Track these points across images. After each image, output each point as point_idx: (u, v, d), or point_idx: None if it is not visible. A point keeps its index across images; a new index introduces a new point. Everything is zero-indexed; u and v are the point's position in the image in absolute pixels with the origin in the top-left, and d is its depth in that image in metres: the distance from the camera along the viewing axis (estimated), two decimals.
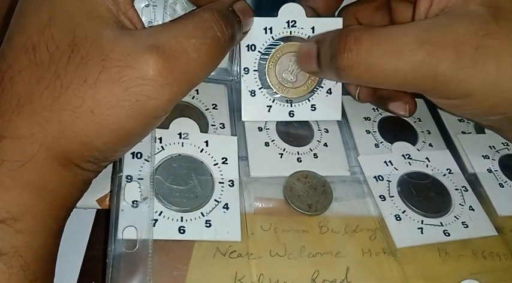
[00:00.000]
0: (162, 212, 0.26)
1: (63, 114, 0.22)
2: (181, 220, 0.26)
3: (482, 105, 0.27)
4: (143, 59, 0.22)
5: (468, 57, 0.25)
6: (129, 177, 0.26)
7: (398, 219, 0.29)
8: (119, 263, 0.24)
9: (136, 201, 0.26)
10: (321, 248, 0.27)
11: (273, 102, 0.32)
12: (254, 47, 0.32)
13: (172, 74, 0.23)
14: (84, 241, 0.29)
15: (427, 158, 0.33)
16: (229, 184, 0.28)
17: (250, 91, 0.32)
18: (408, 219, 0.29)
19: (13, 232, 0.21)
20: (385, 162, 0.32)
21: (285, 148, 0.31)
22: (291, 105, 0.33)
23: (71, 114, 0.22)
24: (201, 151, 0.29)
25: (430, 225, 0.29)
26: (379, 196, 0.30)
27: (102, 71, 0.22)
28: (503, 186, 0.33)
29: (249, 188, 0.29)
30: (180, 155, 0.29)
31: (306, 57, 0.31)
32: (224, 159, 0.29)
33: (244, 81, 0.32)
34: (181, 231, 0.26)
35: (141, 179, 0.27)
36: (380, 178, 0.31)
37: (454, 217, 0.30)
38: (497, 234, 0.30)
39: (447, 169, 0.33)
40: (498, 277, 0.28)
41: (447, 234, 0.29)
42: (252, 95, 0.32)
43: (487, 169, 0.33)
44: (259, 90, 0.32)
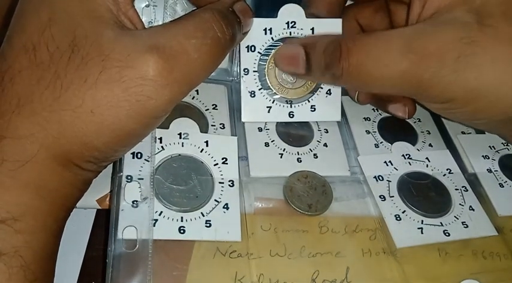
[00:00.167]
0: (162, 212, 0.26)
1: (63, 114, 0.22)
2: (181, 220, 0.26)
3: (465, 109, 0.28)
4: (143, 59, 0.22)
5: (450, 64, 0.26)
6: (129, 177, 0.26)
7: (398, 219, 0.29)
8: (119, 263, 0.24)
9: (137, 201, 0.26)
10: (321, 248, 0.27)
11: (272, 103, 0.32)
12: (254, 47, 0.32)
13: (173, 74, 0.23)
14: (84, 241, 0.29)
15: (427, 158, 0.33)
16: (229, 185, 0.28)
17: (250, 92, 0.32)
18: (408, 219, 0.29)
19: (13, 232, 0.21)
20: (385, 162, 0.32)
21: (285, 149, 0.31)
22: (291, 106, 0.33)
23: (71, 114, 0.22)
24: (201, 151, 0.29)
25: (430, 225, 0.29)
26: (379, 196, 0.30)
27: (102, 71, 0.22)
28: (503, 186, 0.33)
29: (249, 188, 0.29)
30: (180, 155, 0.29)
31: (290, 59, 0.31)
32: (224, 159, 0.29)
33: (244, 82, 0.32)
34: (181, 231, 0.26)
35: (141, 179, 0.27)
36: (380, 178, 0.31)
37: (454, 217, 0.30)
38: (497, 234, 0.30)
39: (447, 169, 0.33)
40: (498, 277, 0.28)
41: (447, 234, 0.29)
42: (251, 96, 0.32)
43: (487, 169, 0.33)
44: (259, 91, 0.32)
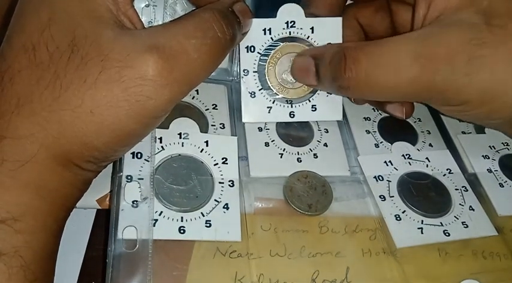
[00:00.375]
0: (162, 212, 0.26)
1: (63, 114, 0.22)
2: (181, 220, 0.26)
3: (480, 110, 0.27)
4: (143, 59, 0.22)
5: (462, 67, 0.25)
6: (129, 177, 0.26)
7: (398, 219, 0.29)
8: (119, 263, 0.24)
9: (137, 201, 0.26)
10: (321, 248, 0.27)
11: (273, 103, 0.32)
12: (253, 48, 0.32)
13: (172, 74, 0.23)
14: (84, 241, 0.29)
15: (427, 158, 0.33)
16: (229, 184, 0.28)
17: (250, 92, 0.32)
18: (408, 219, 0.29)
19: (13, 232, 0.21)
20: (385, 162, 0.32)
21: (285, 149, 0.31)
22: (292, 106, 0.33)
23: (71, 114, 0.22)
24: (201, 151, 0.29)
25: (430, 225, 0.29)
26: (379, 196, 0.30)
27: (101, 71, 0.22)
28: (503, 186, 0.33)
29: (249, 188, 0.29)
30: (180, 155, 0.29)
31: (303, 72, 0.31)
32: (224, 159, 0.29)
33: (244, 83, 0.32)
34: (181, 231, 0.26)
35: (141, 179, 0.27)
36: (380, 178, 0.31)
37: (454, 217, 0.30)
38: (497, 234, 0.30)
39: (447, 169, 0.33)
40: (498, 277, 0.28)
41: (447, 234, 0.29)
42: (252, 97, 0.32)
43: (487, 169, 0.33)
44: (259, 91, 0.32)
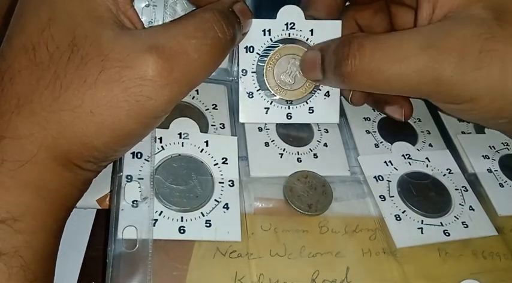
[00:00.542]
0: (162, 212, 0.26)
1: (63, 114, 0.22)
2: (181, 220, 0.26)
3: (489, 108, 0.27)
4: (143, 59, 0.22)
5: (472, 60, 0.25)
6: (129, 177, 0.26)
7: (398, 219, 0.29)
8: (119, 263, 0.24)
9: (137, 201, 0.26)
10: (321, 248, 0.27)
11: (270, 104, 0.32)
12: (252, 48, 0.32)
13: (172, 75, 0.23)
14: (84, 241, 0.29)
15: (427, 158, 0.33)
16: (229, 184, 0.28)
17: (248, 93, 0.32)
18: (408, 219, 0.29)
19: (13, 233, 0.21)
20: (385, 162, 0.32)
21: (285, 149, 0.31)
22: (289, 108, 0.32)
23: (71, 114, 0.22)
24: (201, 151, 0.29)
25: (430, 225, 0.29)
26: (379, 196, 0.30)
27: (101, 71, 0.22)
28: (503, 186, 0.33)
29: (249, 188, 0.29)
30: (180, 155, 0.29)
31: (309, 65, 0.31)
32: (224, 159, 0.29)
33: (242, 83, 0.32)
34: (181, 231, 0.26)
35: (141, 179, 0.27)
36: (380, 178, 0.31)
37: (454, 217, 0.30)
38: (497, 234, 0.30)
39: (447, 169, 0.33)
40: (498, 277, 0.28)
41: (447, 234, 0.29)
42: (249, 97, 0.32)
43: (487, 169, 0.33)
44: (257, 92, 0.32)
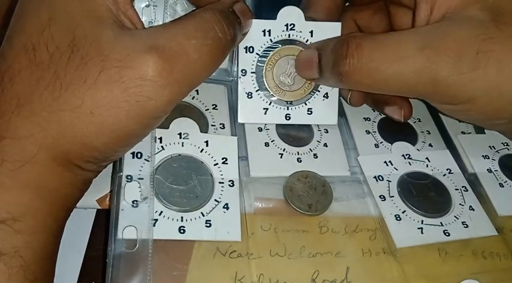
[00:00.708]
0: (162, 212, 0.26)
1: (63, 114, 0.22)
2: (182, 220, 0.26)
3: (486, 109, 0.27)
4: (143, 59, 0.22)
5: (469, 61, 0.25)
6: (129, 177, 0.26)
7: (398, 219, 0.29)
8: (119, 263, 0.24)
9: (136, 201, 0.26)
10: (321, 248, 0.27)
11: (269, 105, 0.32)
12: (252, 49, 0.32)
13: (172, 75, 0.23)
14: (84, 241, 0.29)
15: (427, 158, 0.33)
16: (229, 184, 0.28)
17: (247, 93, 0.32)
18: (408, 219, 0.29)
19: (13, 233, 0.21)
20: (385, 162, 0.32)
21: (285, 149, 0.31)
22: (288, 108, 0.32)
23: (71, 114, 0.22)
24: (201, 151, 0.29)
25: (430, 225, 0.29)
26: (379, 196, 0.30)
27: (101, 71, 0.22)
28: (503, 186, 0.33)
29: (249, 188, 0.29)
30: (180, 155, 0.29)
31: (306, 63, 0.31)
32: (224, 159, 0.29)
33: (242, 83, 0.32)
34: (181, 231, 0.26)
35: (141, 179, 0.27)
36: (380, 178, 0.31)
37: (454, 217, 0.30)
38: (497, 234, 0.30)
39: (447, 169, 0.33)
40: (498, 277, 0.28)
41: (447, 234, 0.29)
42: (248, 97, 0.32)
43: (487, 169, 0.33)
44: (256, 92, 0.32)
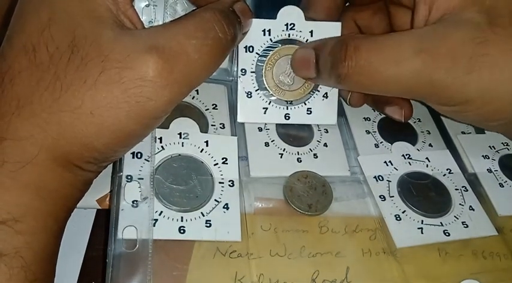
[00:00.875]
0: (162, 212, 0.26)
1: (63, 115, 0.22)
2: (182, 220, 0.26)
3: (482, 110, 0.27)
4: (143, 59, 0.22)
5: (463, 65, 0.25)
6: (129, 177, 0.26)
7: (398, 219, 0.29)
8: (119, 263, 0.24)
9: (137, 201, 0.26)
10: (321, 248, 0.27)
11: (269, 104, 0.32)
12: (252, 48, 0.32)
13: (173, 75, 0.23)
14: (84, 241, 0.29)
15: (427, 158, 0.33)
16: (229, 184, 0.28)
17: (247, 92, 0.32)
18: (408, 219, 0.29)
19: (14, 233, 0.21)
20: (385, 162, 0.32)
21: (285, 149, 0.31)
22: (287, 108, 0.32)
23: (71, 115, 0.22)
24: (201, 151, 0.29)
25: (430, 225, 0.29)
26: (379, 196, 0.30)
27: (101, 72, 0.22)
28: (503, 186, 0.33)
29: (249, 188, 0.29)
30: (180, 155, 0.29)
31: (303, 63, 0.31)
32: (224, 159, 0.29)
33: (241, 82, 0.32)
34: (181, 231, 0.26)
35: (141, 179, 0.27)
36: (380, 178, 0.31)
37: (454, 217, 0.30)
38: (497, 234, 0.30)
39: (447, 169, 0.33)
40: (498, 277, 0.28)
41: (447, 234, 0.29)
42: (248, 97, 0.32)
43: (487, 169, 0.33)
44: (256, 91, 0.32)
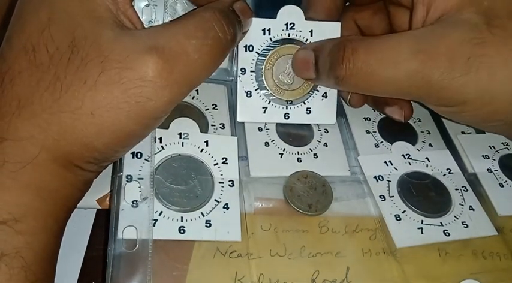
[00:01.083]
0: (162, 212, 0.26)
1: (63, 116, 0.22)
2: (182, 220, 0.26)
3: (480, 111, 0.27)
4: (143, 60, 0.22)
5: (461, 66, 0.25)
6: (129, 177, 0.26)
7: (398, 219, 0.29)
8: (119, 263, 0.24)
9: (137, 201, 0.26)
10: (321, 248, 0.27)
11: (268, 104, 0.32)
12: (252, 47, 0.32)
13: (172, 75, 0.23)
14: (84, 241, 0.29)
15: (427, 158, 0.33)
16: (229, 184, 0.28)
17: (246, 92, 0.32)
18: (408, 219, 0.29)
19: (14, 233, 0.21)
20: (385, 162, 0.32)
21: (285, 149, 0.31)
22: (287, 108, 0.32)
23: (71, 115, 0.22)
24: (201, 151, 0.29)
25: (430, 225, 0.29)
26: (379, 196, 0.30)
27: (101, 72, 0.22)
28: (503, 186, 0.33)
29: (249, 188, 0.29)
30: (180, 155, 0.29)
31: (302, 64, 0.31)
32: (224, 159, 0.29)
33: (241, 82, 0.32)
34: (181, 231, 0.26)
35: (141, 179, 0.27)
36: (380, 178, 0.31)
37: (454, 217, 0.30)
38: (497, 234, 0.30)
39: (447, 169, 0.33)
40: (498, 277, 0.28)
41: (447, 234, 0.29)
42: (248, 96, 0.32)
43: (487, 169, 0.33)
44: (255, 91, 0.32)
